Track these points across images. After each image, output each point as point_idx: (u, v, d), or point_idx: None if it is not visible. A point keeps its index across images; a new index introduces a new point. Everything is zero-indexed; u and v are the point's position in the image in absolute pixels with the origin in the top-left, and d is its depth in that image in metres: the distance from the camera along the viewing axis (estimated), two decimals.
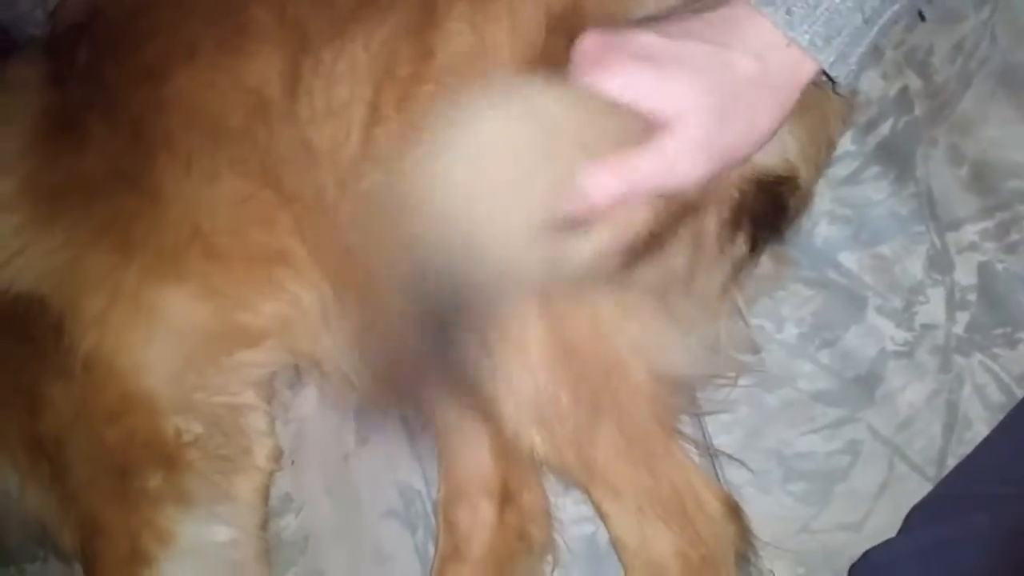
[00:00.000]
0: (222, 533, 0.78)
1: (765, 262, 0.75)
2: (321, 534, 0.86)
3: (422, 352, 0.57)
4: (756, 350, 0.77)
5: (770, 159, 0.65)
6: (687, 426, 0.75)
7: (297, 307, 0.83)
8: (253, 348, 0.84)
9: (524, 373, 0.68)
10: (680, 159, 0.54)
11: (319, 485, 0.87)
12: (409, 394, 0.67)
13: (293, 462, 0.88)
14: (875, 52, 0.62)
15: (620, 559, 0.70)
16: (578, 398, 0.68)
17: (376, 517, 0.85)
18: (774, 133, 0.57)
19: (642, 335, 0.68)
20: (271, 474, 0.85)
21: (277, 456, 0.86)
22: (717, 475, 0.77)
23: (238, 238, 0.82)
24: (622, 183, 0.54)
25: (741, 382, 0.77)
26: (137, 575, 0.75)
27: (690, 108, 0.54)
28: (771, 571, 0.72)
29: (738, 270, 0.70)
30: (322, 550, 0.85)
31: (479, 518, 0.79)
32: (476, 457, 0.81)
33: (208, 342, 0.83)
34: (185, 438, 0.79)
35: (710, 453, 0.77)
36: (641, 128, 0.55)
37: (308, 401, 0.91)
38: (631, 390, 0.68)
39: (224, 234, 0.82)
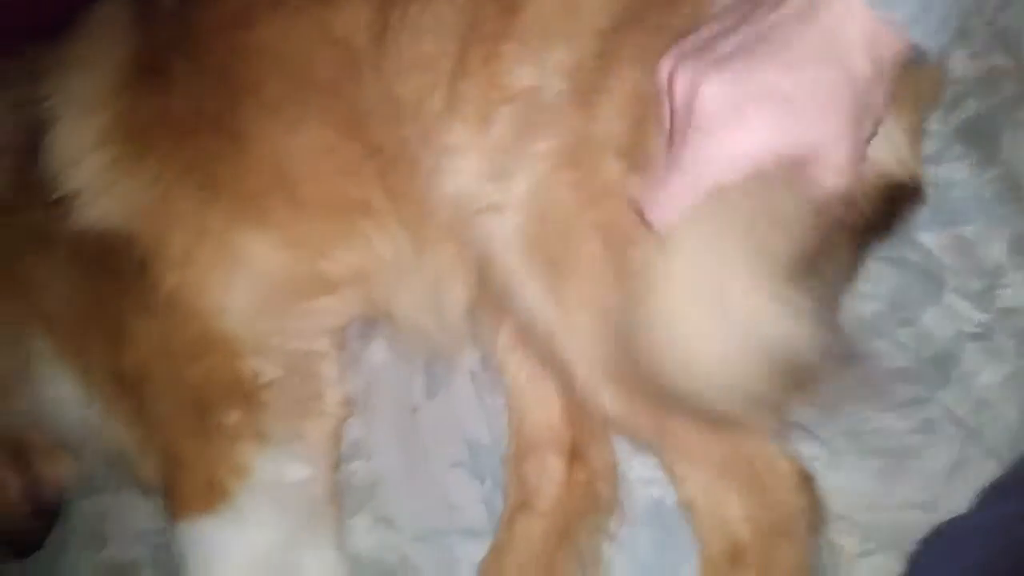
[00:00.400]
0: (296, 471, 0.79)
1: None
2: (389, 481, 0.87)
3: None
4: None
5: (889, 164, 0.63)
6: None
7: (375, 258, 0.84)
8: (330, 296, 0.85)
9: (599, 333, 0.68)
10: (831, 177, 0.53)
11: (388, 434, 0.89)
12: None
13: (363, 410, 0.89)
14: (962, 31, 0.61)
15: (690, 522, 0.71)
16: None
17: (444, 467, 0.86)
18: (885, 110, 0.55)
19: None
20: (342, 420, 0.86)
21: (347, 403, 0.87)
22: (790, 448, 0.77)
23: (321, 187, 0.83)
24: None
25: None
26: (214, 507, 0.76)
27: (830, 138, 0.52)
28: (841, 544, 0.72)
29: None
30: (390, 496, 0.86)
31: (548, 473, 0.80)
32: (547, 415, 0.81)
33: (287, 288, 0.84)
34: (261, 379, 0.80)
35: (783, 425, 0.76)
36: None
37: (377, 352, 0.92)
38: None
39: (307, 182, 0.83)
